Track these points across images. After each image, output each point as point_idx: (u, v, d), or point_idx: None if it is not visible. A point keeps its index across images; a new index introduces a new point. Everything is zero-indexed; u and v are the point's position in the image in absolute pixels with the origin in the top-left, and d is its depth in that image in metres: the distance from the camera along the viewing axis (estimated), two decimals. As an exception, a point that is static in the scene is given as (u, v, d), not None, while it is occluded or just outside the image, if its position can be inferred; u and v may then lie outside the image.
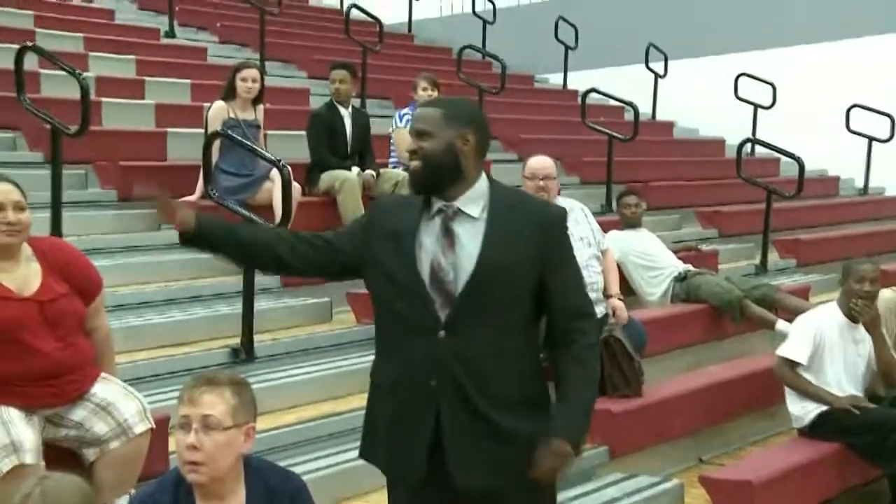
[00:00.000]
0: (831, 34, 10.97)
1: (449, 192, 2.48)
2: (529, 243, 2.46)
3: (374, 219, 2.57)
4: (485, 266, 2.42)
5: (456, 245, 2.44)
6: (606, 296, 5.01)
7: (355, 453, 3.29)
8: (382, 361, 2.55)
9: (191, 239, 2.55)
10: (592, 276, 4.90)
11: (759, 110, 10.49)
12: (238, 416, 2.43)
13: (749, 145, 9.32)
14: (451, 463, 2.42)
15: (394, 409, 2.49)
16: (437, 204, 2.49)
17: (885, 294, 5.10)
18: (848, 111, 10.08)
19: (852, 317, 4.78)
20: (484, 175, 2.53)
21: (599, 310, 4.98)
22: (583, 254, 4.77)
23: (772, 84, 10.43)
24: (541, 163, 5.00)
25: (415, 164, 2.49)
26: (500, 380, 2.44)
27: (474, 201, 2.48)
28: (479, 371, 2.42)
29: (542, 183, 4.85)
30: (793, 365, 4.73)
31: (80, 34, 8.53)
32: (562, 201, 4.88)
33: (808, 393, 4.70)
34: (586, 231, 5.04)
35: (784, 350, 4.75)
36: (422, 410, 2.44)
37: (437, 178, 2.47)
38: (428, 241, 2.46)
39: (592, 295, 4.96)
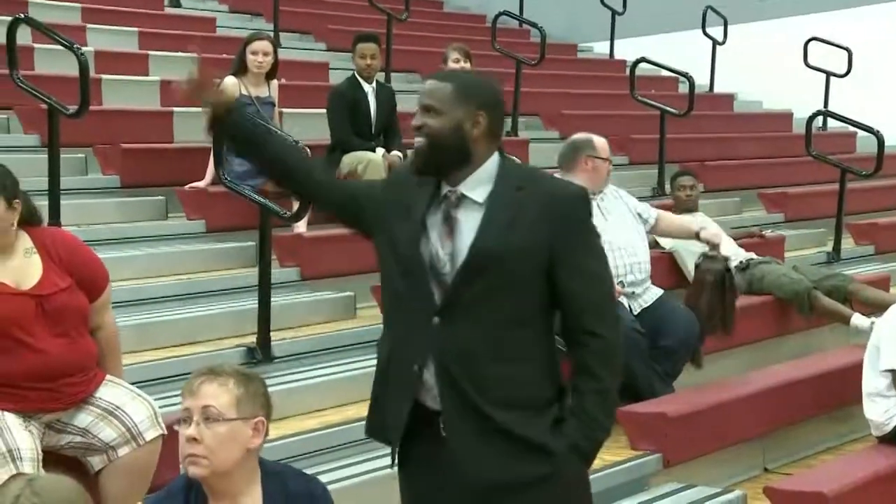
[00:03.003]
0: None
1: (454, 175, 2.49)
2: (534, 228, 2.44)
3: (392, 187, 2.62)
4: (476, 254, 2.44)
5: (455, 233, 2.47)
6: (696, 237, 5.33)
7: (383, 461, 3.34)
8: (384, 334, 2.62)
9: (222, 123, 2.59)
10: (639, 254, 5.04)
11: (832, 79, 10.41)
12: (243, 408, 2.50)
13: (820, 118, 9.28)
14: (458, 457, 2.46)
15: (383, 386, 2.57)
16: (444, 188, 2.51)
17: None
18: (933, 79, 9.99)
19: None
20: (496, 155, 2.53)
21: (644, 293, 5.07)
22: (620, 236, 4.91)
23: (847, 49, 10.34)
24: (607, 144, 5.14)
25: (418, 141, 2.50)
26: (497, 376, 2.45)
27: (481, 185, 2.49)
28: (473, 364, 2.44)
29: (610, 165, 4.92)
30: None
31: (78, 4, 8.64)
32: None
33: None
34: (622, 210, 5.11)
35: (889, 362, 4.65)
36: (402, 394, 2.50)
37: (441, 160, 2.48)
38: (432, 226, 2.50)
39: (640, 276, 5.05)
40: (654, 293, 5.18)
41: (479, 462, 2.45)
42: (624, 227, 5.07)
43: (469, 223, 2.47)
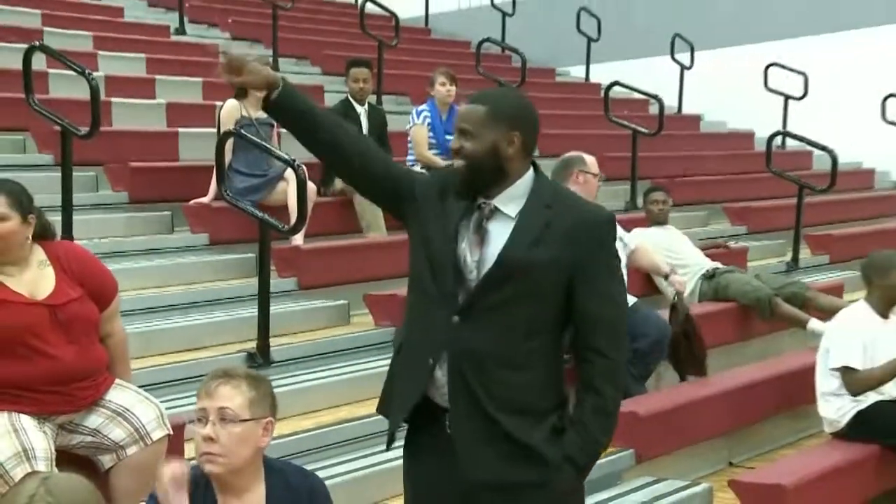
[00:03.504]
0: (865, 20, 10.92)
1: (490, 189, 2.46)
2: (559, 247, 2.41)
3: (430, 188, 2.53)
4: (502, 264, 2.41)
5: (484, 243, 2.44)
6: (665, 278, 5.51)
7: (375, 458, 3.35)
8: (406, 322, 2.57)
9: (277, 103, 2.48)
10: None
11: (790, 101, 10.46)
12: (255, 409, 2.50)
13: (779, 138, 9.32)
14: (459, 453, 2.44)
15: (397, 371, 2.55)
16: (478, 199, 2.48)
17: None
18: (883, 101, 10.03)
19: (884, 313, 4.78)
20: (531, 171, 2.48)
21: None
22: None
23: (803, 74, 10.40)
24: (595, 160, 5.20)
25: (458, 163, 2.46)
26: (505, 381, 2.42)
27: (514, 200, 2.46)
28: (484, 367, 2.42)
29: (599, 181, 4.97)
30: (853, 371, 4.67)
31: (89, 33, 8.63)
32: None
33: (884, 377, 4.62)
34: None
35: (839, 361, 4.69)
36: (413, 386, 2.47)
37: (480, 180, 2.44)
38: (463, 233, 2.46)
39: None
40: (630, 300, 5.21)
41: (479, 462, 2.43)
42: None
43: (499, 234, 2.44)
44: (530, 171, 2.49)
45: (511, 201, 2.46)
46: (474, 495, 2.45)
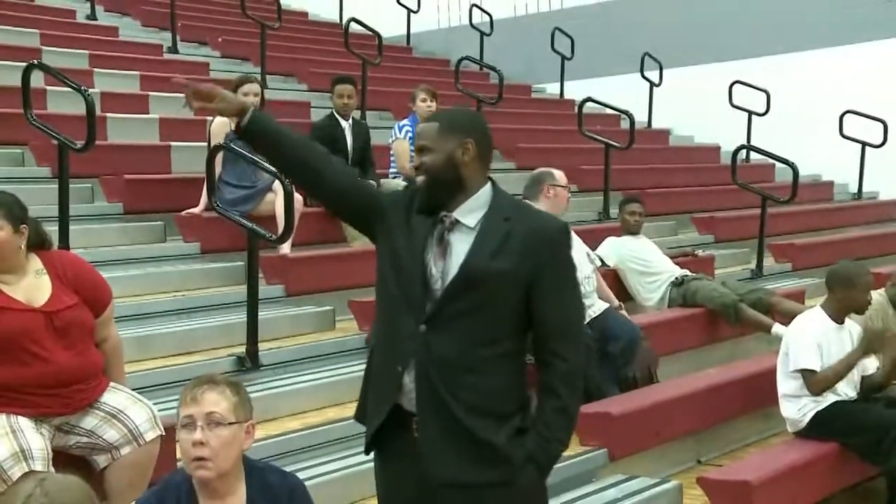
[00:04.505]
0: (824, 41, 11.03)
1: (450, 202, 2.48)
2: (517, 257, 2.43)
3: (396, 204, 2.55)
4: (464, 274, 2.43)
5: (447, 254, 2.46)
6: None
7: (361, 458, 3.33)
8: (374, 331, 2.60)
9: (248, 129, 2.52)
10: (586, 271, 5.15)
11: (754, 117, 10.54)
12: (239, 413, 2.50)
13: (744, 152, 9.39)
14: (424, 455, 2.45)
15: (370, 379, 2.56)
16: (440, 213, 2.50)
17: (874, 297, 5.13)
18: (841, 117, 10.13)
19: (839, 319, 4.82)
20: (489, 184, 2.52)
21: (591, 305, 5.15)
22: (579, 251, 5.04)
23: (766, 91, 10.48)
24: (563, 173, 5.25)
25: (420, 179, 2.51)
26: (470, 384, 2.43)
27: (473, 212, 2.49)
28: (449, 372, 2.43)
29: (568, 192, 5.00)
30: (813, 373, 4.69)
31: (85, 51, 8.59)
32: None
33: (840, 374, 4.65)
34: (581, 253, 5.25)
35: (799, 363, 4.71)
36: (384, 394, 2.49)
37: (442, 192, 2.47)
38: (428, 245, 2.48)
39: (589, 289, 5.14)
40: (601, 306, 5.25)
41: (444, 463, 2.44)
42: (577, 248, 5.18)
43: (460, 246, 2.46)
44: (488, 185, 2.53)
45: (470, 213, 2.49)
46: (440, 496, 2.45)
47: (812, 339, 4.71)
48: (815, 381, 4.68)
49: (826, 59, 10.95)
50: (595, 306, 5.20)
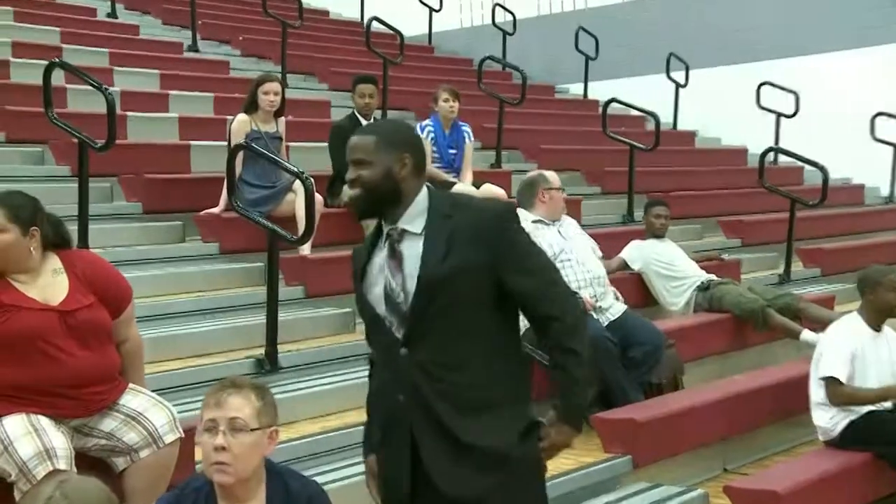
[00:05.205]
0: (855, 42, 10.93)
1: (391, 214, 2.53)
2: (471, 248, 2.46)
3: (353, 266, 2.65)
4: (425, 281, 2.46)
5: (403, 265, 2.50)
6: None
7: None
8: (369, 393, 2.68)
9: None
10: (596, 270, 5.15)
11: (782, 119, 10.47)
12: (262, 418, 2.49)
13: (772, 154, 9.31)
14: (434, 476, 2.47)
15: (376, 429, 2.60)
16: (386, 228, 2.55)
17: None
18: (873, 119, 10.04)
19: (875, 325, 4.76)
20: (425, 189, 2.56)
21: (609, 307, 5.13)
22: (579, 254, 5.08)
23: (795, 93, 10.40)
24: (556, 175, 5.21)
25: (355, 192, 2.53)
26: (469, 388, 2.47)
27: (416, 218, 2.52)
28: (441, 382, 2.46)
29: (564, 193, 4.94)
30: (838, 383, 4.66)
31: (106, 49, 8.65)
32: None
33: (869, 399, 4.62)
34: (579, 234, 5.29)
35: (825, 371, 4.67)
36: (397, 430, 2.52)
37: (378, 205, 2.53)
38: (378, 267, 2.53)
39: (601, 288, 5.10)
40: (620, 308, 5.22)
41: (451, 479, 2.46)
42: (582, 248, 5.22)
43: (412, 254, 2.50)
44: (424, 189, 2.56)
45: (414, 220, 2.52)
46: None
47: (845, 348, 4.66)
48: (838, 393, 4.63)
49: (857, 59, 10.86)
50: (613, 308, 5.17)
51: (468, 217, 2.51)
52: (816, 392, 4.78)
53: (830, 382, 4.64)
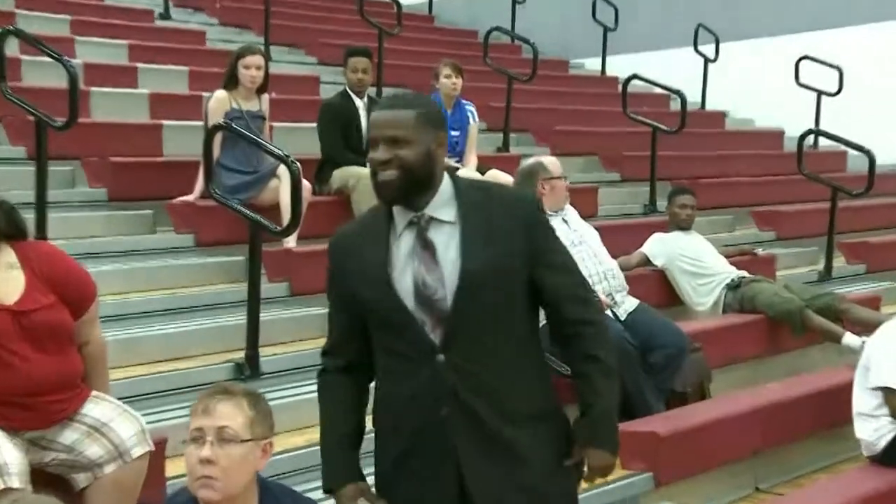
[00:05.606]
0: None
1: (419, 200, 2.49)
2: (511, 239, 2.48)
3: (337, 262, 2.58)
4: (470, 275, 2.44)
5: (436, 257, 2.46)
6: None
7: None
8: (382, 406, 2.58)
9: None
10: (608, 262, 5.21)
11: (823, 97, 10.46)
12: (255, 429, 2.49)
13: (812, 137, 9.32)
14: (478, 497, 2.46)
15: (403, 455, 2.52)
16: (406, 216, 2.49)
17: None
18: (925, 98, 10.04)
19: None
20: (446, 175, 2.55)
21: (623, 301, 5.17)
22: (590, 246, 5.16)
23: (838, 68, 10.39)
24: (558, 161, 5.22)
25: (389, 174, 2.45)
26: (509, 394, 2.47)
27: (445, 204, 2.50)
28: (488, 388, 2.46)
29: (567, 181, 4.95)
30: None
31: (67, 16, 8.65)
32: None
33: None
34: (585, 225, 5.35)
35: (884, 379, 4.65)
36: (435, 449, 2.47)
37: (412, 190, 2.48)
38: (402, 260, 2.48)
39: (615, 281, 5.18)
40: (633, 302, 5.24)
41: (495, 496, 2.47)
42: (592, 239, 5.25)
43: (446, 244, 2.47)
44: (446, 175, 2.55)
45: (442, 206, 2.51)
46: None
47: None
48: None
49: (908, 31, 10.85)
50: (627, 303, 5.18)
51: (504, 205, 2.52)
52: (860, 401, 4.78)
53: (889, 393, 4.63)
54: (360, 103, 6.72)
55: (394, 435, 2.54)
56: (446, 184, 2.53)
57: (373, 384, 2.67)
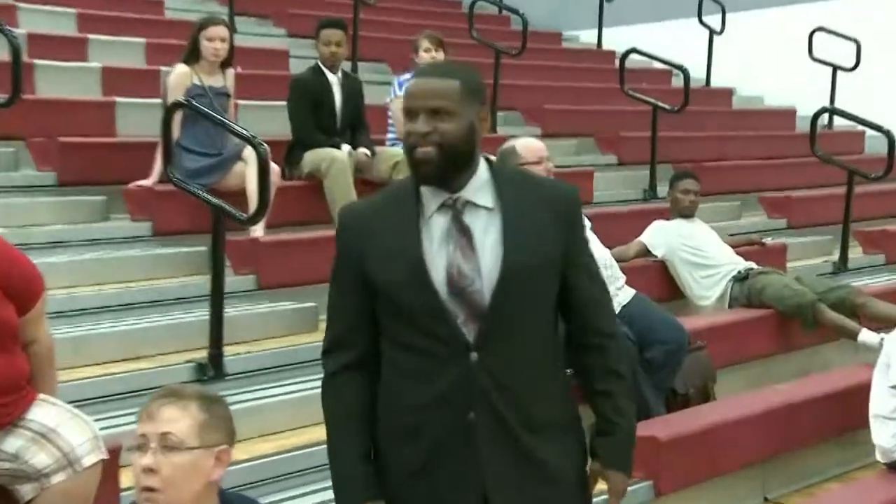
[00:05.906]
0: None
1: (456, 181, 2.46)
2: (551, 234, 2.48)
3: (350, 243, 2.53)
4: (513, 268, 2.42)
5: (473, 244, 2.44)
6: None
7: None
8: (393, 409, 2.51)
9: None
10: (599, 249, 5.10)
11: (839, 73, 10.50)
12: (206, 435, 2.47)
13: (826, 116, 9.36)
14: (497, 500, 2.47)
15: (418, 463, 2.48)
16: (438, 197, 2.46)
17: None
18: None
19: None
20: (482, 156, 2.55)
21: (619, 292, 5.15)
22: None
23: (855, 41, 10.43)
24: (537, 143, 5.09)
25: (428, 151, 2.42)
26: (536, 400, 2.48)
27: (482, 188, 2.48)
28: (517, 393, 2.45)
29: (550, 165, 4.94)
30: None
31: (9, -18, 8.59)
32: None
33: None
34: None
35: None
36: (461, 455, 2.45)
37: (452, 168, 2.45)
38: (435, 245, 2.44)
39: (608, 272, 5.14)
40: (629, 292, 5.24)
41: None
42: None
43: (484, 231, 2.45)
44: (482, 157, 2.54)
45: (479, 190, 2.49)
46: None
47: None
48: None
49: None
50: (622, 293, 5.18)
51: (546, 197, 2.52)
52: (878, 403, 4.82)
53: None
54: (333, 79, 6.71)
55: (409, 443, 2.49)
56: (483, 166, 2.51)
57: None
